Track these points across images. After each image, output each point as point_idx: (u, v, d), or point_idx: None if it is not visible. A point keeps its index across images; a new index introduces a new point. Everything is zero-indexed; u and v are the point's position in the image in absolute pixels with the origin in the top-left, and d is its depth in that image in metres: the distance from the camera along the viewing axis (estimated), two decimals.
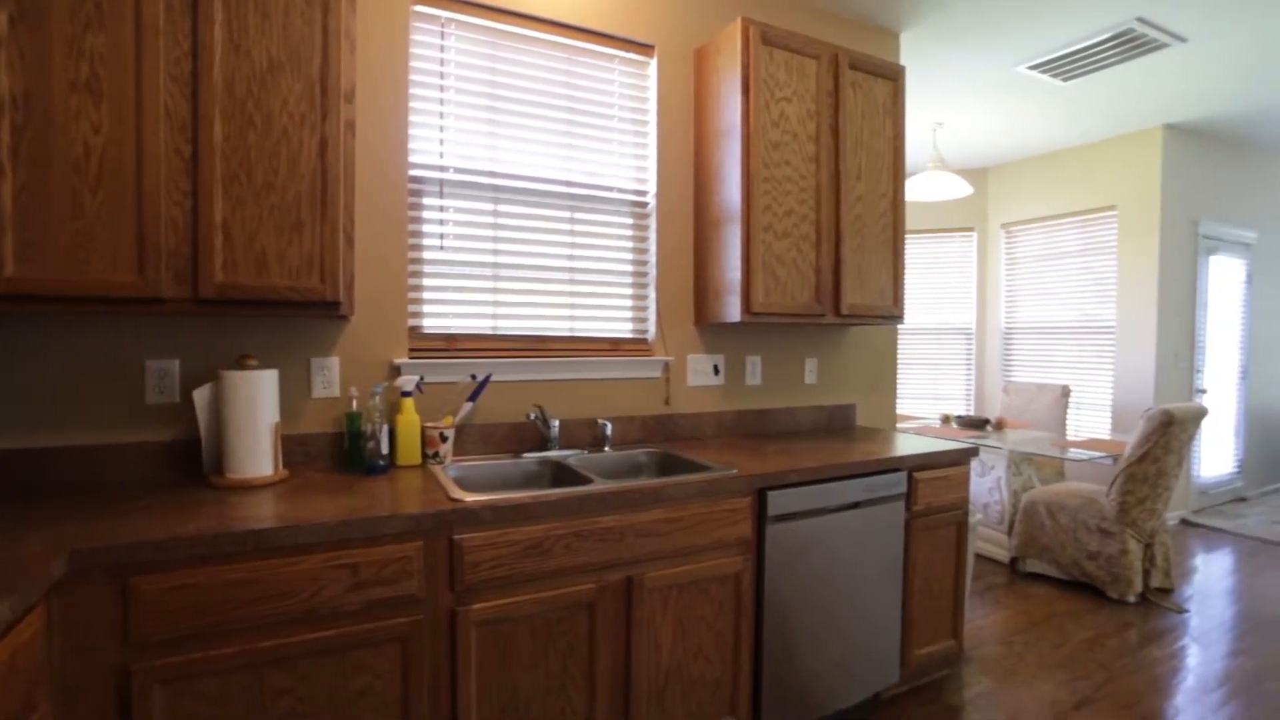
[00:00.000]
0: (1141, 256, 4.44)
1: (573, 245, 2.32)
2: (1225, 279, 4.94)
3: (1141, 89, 3.74)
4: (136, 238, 1.41)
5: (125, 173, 1.40)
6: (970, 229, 5.38)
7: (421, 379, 2.00)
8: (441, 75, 2.09)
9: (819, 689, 2.04)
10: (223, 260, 1.49)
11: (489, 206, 2.19)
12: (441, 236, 2.12)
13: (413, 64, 2.04)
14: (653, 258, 2.42)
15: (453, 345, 2.13)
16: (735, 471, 1.86)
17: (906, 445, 2.36)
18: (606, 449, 2.20)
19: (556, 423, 2.14)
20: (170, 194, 1.44)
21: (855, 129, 2.45)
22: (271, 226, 1.53)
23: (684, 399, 2.48)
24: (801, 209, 2.32)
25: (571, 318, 2.32)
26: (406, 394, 1.91)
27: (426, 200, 2.09)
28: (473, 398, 2.03)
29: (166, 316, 1.72)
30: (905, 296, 2.62)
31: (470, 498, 1.54)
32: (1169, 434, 3.14)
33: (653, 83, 2.42)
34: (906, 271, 5.43)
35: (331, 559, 1.35)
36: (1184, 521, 4.63)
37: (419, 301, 2.08)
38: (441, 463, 1.94)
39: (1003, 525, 3.82)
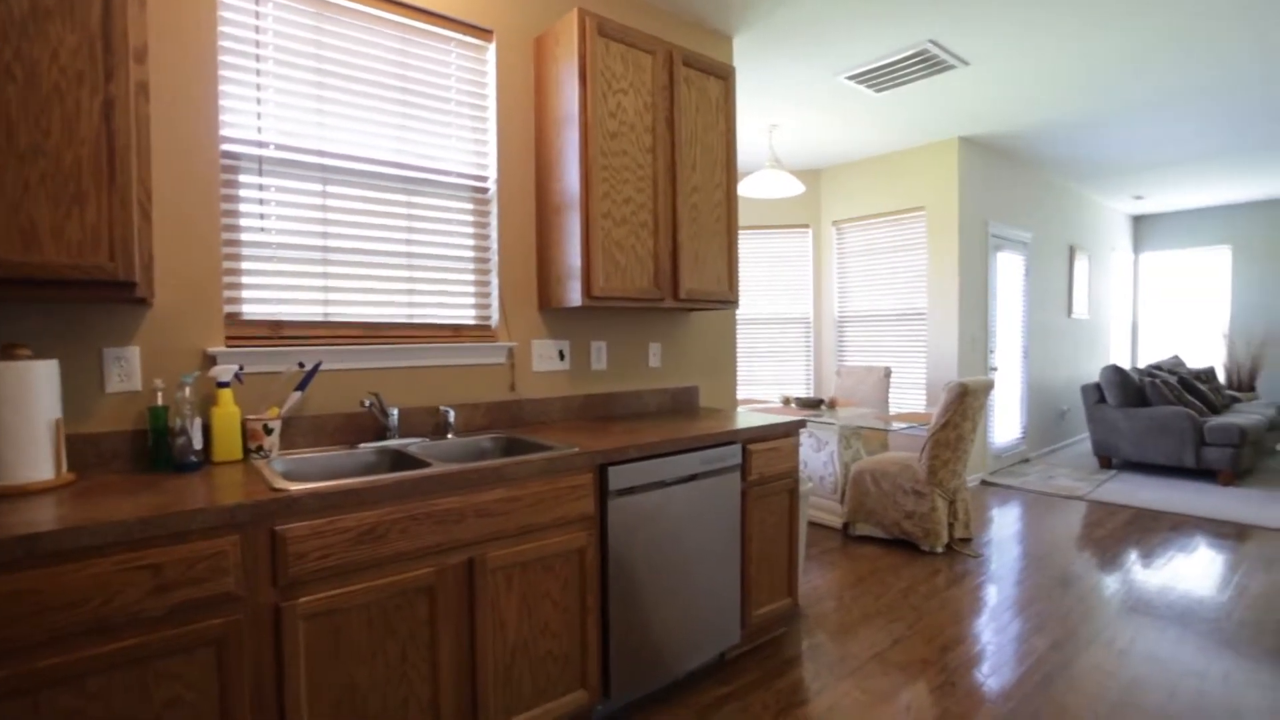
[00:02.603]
0: (945, 252, 5.05)
1: (410, 230, 2.26)
2: (1009, 273, 5.75)
3: (940, 104, 4.26)
4: None
5: None
6: (806, 226, 5.84)
7: (241, 368, 1.86)
8: (257, 44, 1.95)
9: (666, 654, 2.15)
10: None
11: (317, 187, 2.07)
12: (262, 217, 1.98)
13: (222, 29, 1.88)
14: (494, 243, 2.41)
15: (278, 333, 2.00)
16: (577, 449, 1.91)
17: (741, 421, 2.53)
18: (450, 436, 2.17)
19: (395, 411, 2.08)
20: None
21: (690, 123, 2.58)
22: (43, 196, 1.35)
23: (530, 384, 2.50)
24: (640, 197, 2.41)
25: (411, 304, 2.26)
26: (223, 385, 1.77)
27: (244, 178, 1.94)
28: (301, 387, 1.91)
29: None
30: (740, 283, 2.81)
31: (295, 487, 1.46)
32: (965, 403, 3.61)
33: (492, 68, 2.41)
34: (750, 266, 5.80)
35: (128, 561, 1.23)
36: (983, 482, 5.33)
37: (238, 286, 1.93)
38: (266, 457, 1.82)
39: (836, 495, 4.19)
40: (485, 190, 2.42)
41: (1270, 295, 7.38)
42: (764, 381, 5.85)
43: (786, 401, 4.52)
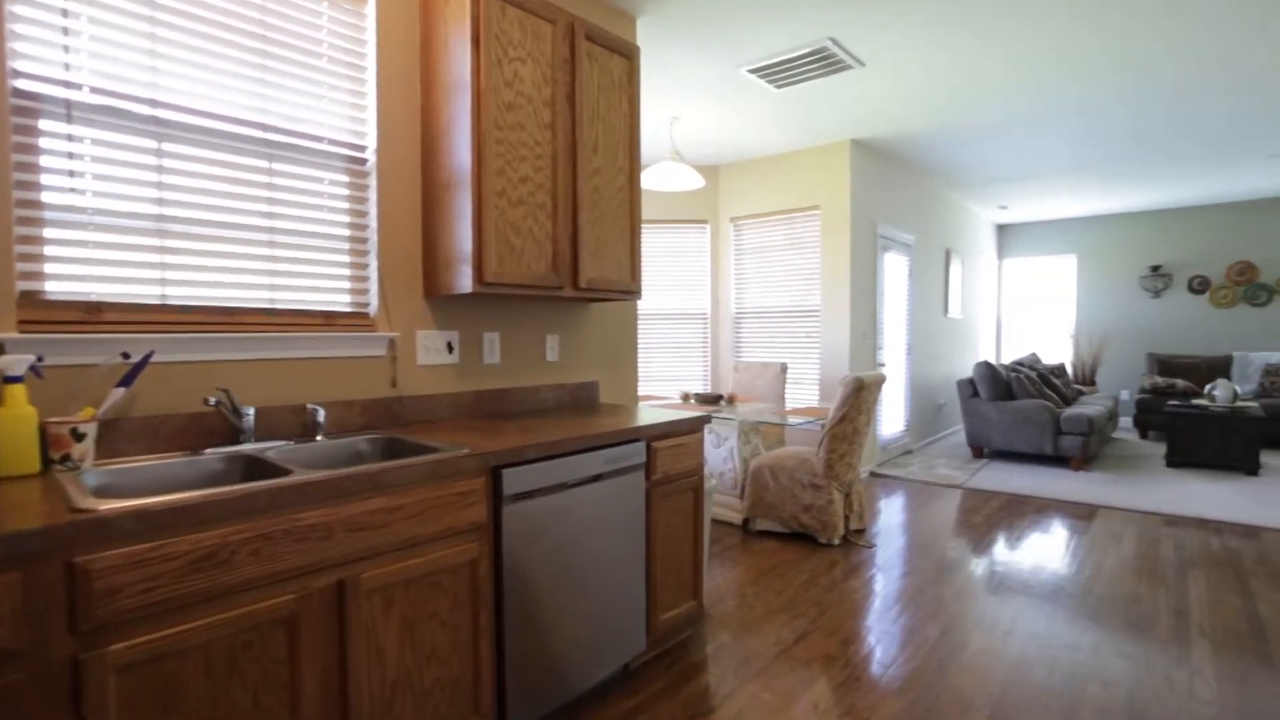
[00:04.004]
0: (837, 251, 5.19)
1: (272, 201, 1.95)
2: (894, 273, 6.03)
3: (837, 105, 4.35)
4: None
5: None
6: (705, 221, 5.84)
7: (40, 359, 1.51)
8: None
9: (568, 670, 1.98)
10: None
11: (150, 144, 1.74)
12: (73, 174, 1.62)
13: None
14: (373, 221, 2.14)
15: (96, 317, 1.65)
16: (466, 450, 1.70)
17: (645, 417, 2.41)
18: (319, 438, 1.89)
19: (251, 411, 1.78)
20: None
21: (592, 101, 2.43)
22: None
23: (414, 380, 2.25)
24: (538, 177, 2.23)
25: (272, 286, 1.95)
26: (13, 380, 1.42)
27: (46, 124, 1.58)
28: (126, 383, 1.58)
29: None
30: (643, 272, 2.69)
31: (106, 505, 1.17)
32: (860, 397, 3.69)
33: (372, 24, 2.14)
34: (648, 261, 5.73)
35: None
36: (872, 474, 5.55)
37: (37, 258, 1.57)
38: (76, 468, 1.48)
39: (736, 490, 4.18)
40: (363, 161, 2.15)
41: (1108, 299, 8.25)
42: (662, 378, 5.80)
43: (686, 397, 4.47)
